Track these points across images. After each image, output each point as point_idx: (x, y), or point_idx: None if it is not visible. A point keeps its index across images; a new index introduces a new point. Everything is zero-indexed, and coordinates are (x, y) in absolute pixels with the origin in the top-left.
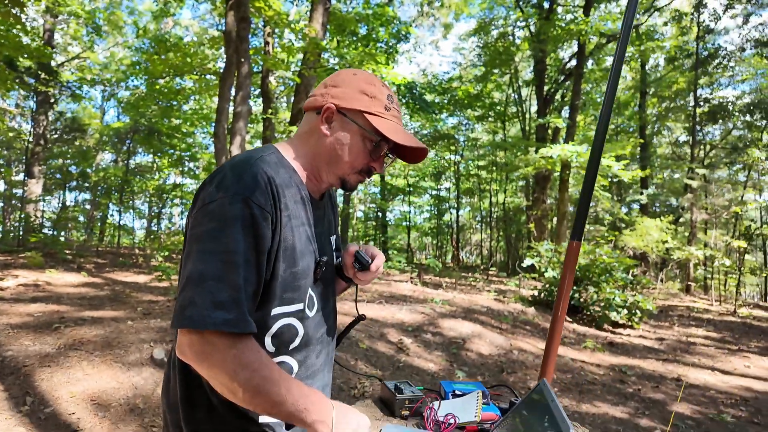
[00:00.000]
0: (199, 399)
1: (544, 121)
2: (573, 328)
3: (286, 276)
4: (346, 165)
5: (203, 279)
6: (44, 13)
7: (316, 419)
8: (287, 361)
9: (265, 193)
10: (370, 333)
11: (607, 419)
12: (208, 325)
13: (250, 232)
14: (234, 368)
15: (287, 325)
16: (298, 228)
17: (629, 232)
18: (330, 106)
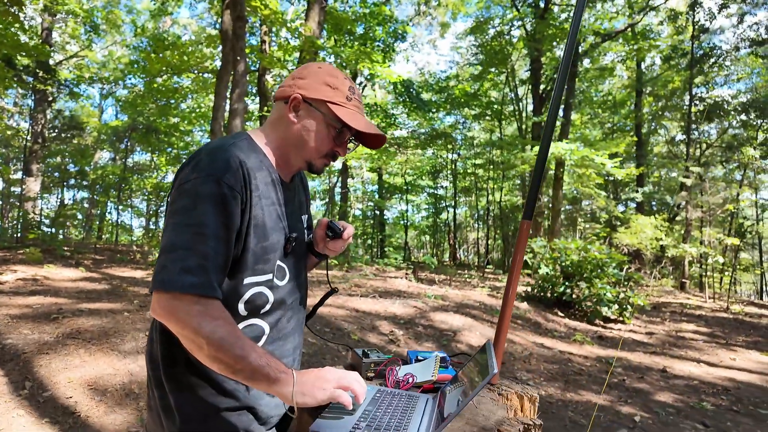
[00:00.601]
0: (178, 356)
1: (539, 120)
2: (564, 322)
3: (257, 249)
4: (312, 150)
5: (175, 248)
6: (42, 12)
7: (279, 376)
8: (259, 323)
9: (236, 175)
10: (362, 325)
11: (590, 406)
12: (177, 287)
13: (220, 209)
14: (199, 322)
15: (258, 292)
16: (269, 207)
17: (624, 229)
18: (297, 96)
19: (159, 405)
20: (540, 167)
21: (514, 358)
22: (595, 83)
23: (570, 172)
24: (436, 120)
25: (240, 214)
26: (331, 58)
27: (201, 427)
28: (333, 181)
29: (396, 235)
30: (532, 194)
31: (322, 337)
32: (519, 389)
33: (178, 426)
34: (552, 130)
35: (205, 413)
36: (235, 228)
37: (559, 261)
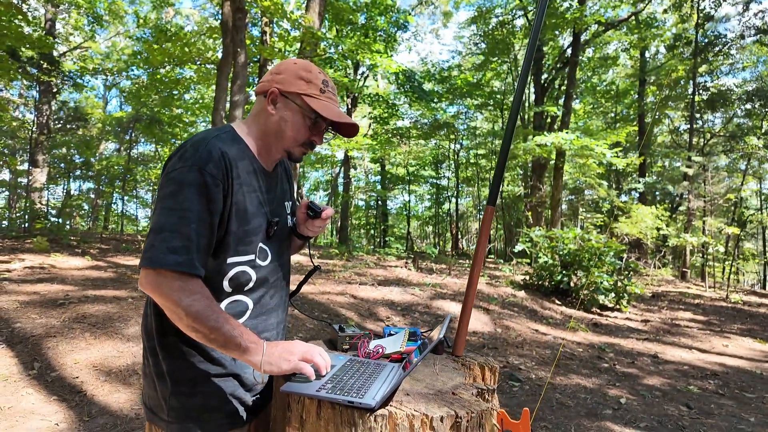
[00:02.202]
0: (169, 327)
1: (539, 109)
2: (561, 310)
3: (239, 232)
4: (290, 139)
5: (162, 230)
6: (46, 3)
7: (249, 345)
8: (243, 299)
9: (218, 165)
10: (359, 311)
11: (578, 389)
12: (162, 264)
13: (203, 195)
14: (179, 296)
15: (241, 271)
16: (250, 194)
17: (624, 219)
18: (274, 90)
19: (153, 371)
20: (503, 156)
21: (507, 343)
22: (599, 72)
23: (571, 161)
24: (439, 110)
25: (222, 201)
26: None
27: (190, 390)
28: (336, 171)
29: (399, 226)
30: (496, 180)
31: (304, 312)
32: (482, 360)
33: (170, 389)
34: (515, 118)
35: (194, 378)
36: (217, 213)
37: (557, 250)
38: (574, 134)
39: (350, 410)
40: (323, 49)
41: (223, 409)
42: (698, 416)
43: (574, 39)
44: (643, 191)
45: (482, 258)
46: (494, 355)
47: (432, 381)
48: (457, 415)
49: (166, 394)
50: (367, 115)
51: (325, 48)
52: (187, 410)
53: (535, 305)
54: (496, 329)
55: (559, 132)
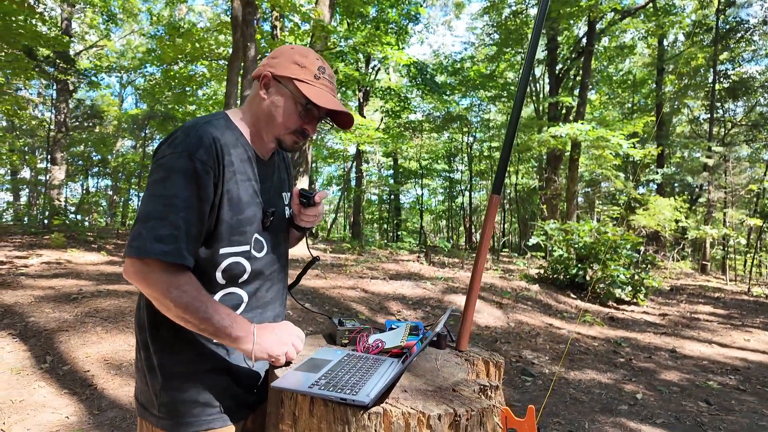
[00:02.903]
0: (162, 320)
1: (554, 100)
2: (576, 304)
3: (233, 222)
4: (280, 125)
5: (149, 218)
6: (62, 3)
7: (240, 334)
8: (237, 291)
9: (209, 151)
10: (370, 305)
11: (593, 384)
12: (149, 254)
13: (192, 182)
14: (167, 287)
15: (235, 262)
16: (244, 182)
17: (642, 211)
18: (267, 74)
19: (145, 365)
20: (508, 143)
21: (520, 338)
22: (615, 62)
23: (586, 153)
24: (452, 103)
25: (213, 188)
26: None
27: (182, 385)
28: (348, 166)
29: (412, 220)
30: (501, 169)
31: (304, 306)
32: (486, 355)
33: (161, 383)
34: (520, 107)
35: (186, 372)
36: (207, 201)
37: (573, 243)
38: (590, 125)
39: (343, 407)
40: (334, 43)
41: (216, 405)
42: (718, 413)
43: (589, 28)
44: (661, 183)
45: (486, 249)
46: (507, 349)
47: (432, 377)
48: (456, 413)
49: (157, 388)
50: (379, 108)
51: (335, 41)
52: (177, 405)
53: (549, 299)
54: (509, 323)
55: (575, 123)
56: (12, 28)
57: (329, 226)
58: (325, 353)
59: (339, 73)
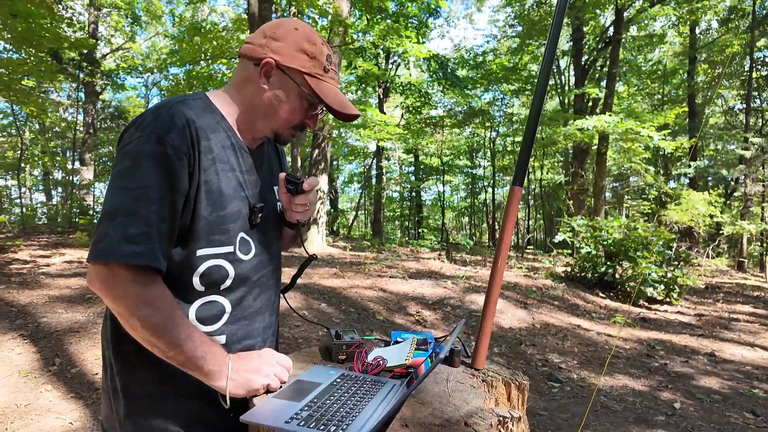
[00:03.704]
0: (125, 333)
1: (579, 92)
2: (605, 304)
3: (212, 219)
4: (282, 120)
5: (116, 214)
6: (88, 7)
7: (213, 368)
8: (219, 300)
9: (181, 134)
10: (388, 306)
11: (625, 391)
12: (117, 256)
13: (164, 170)
14: (135, 302)
15: (216, 266)
16: (226, 173)
17: (674, 206)
18: (270, 62)
19: (109, 387)
20: (531, 132)
21: (547, 340)
22: (644, 51)
23: (614, 146)
24: (473, 97)
25: (188, 178)
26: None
27: (148, 411)
28: (368, 163)
29: (434, 217)
30: (523, 159)
31: (299, 314)
32: (508, 375)
33: (124, 409)
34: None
35: (152, 397)
36: (181, 192)
37: (601, 240)
38: (618, 117)
39: None
40: (351, 37)
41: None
42: (766, 425)
43: (616, 16)
44: (693, 176)
45: (508, 246)
46: (532, 353)
47: (441, 405)
48: None
49: (121, 415)
50: (399, 104)
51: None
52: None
53: (576, 299)
54: (534, 325)
55: (602, 115)
56: (34, 30)
57: (350, 224)
58: (316, 374)
59: (358, 68)
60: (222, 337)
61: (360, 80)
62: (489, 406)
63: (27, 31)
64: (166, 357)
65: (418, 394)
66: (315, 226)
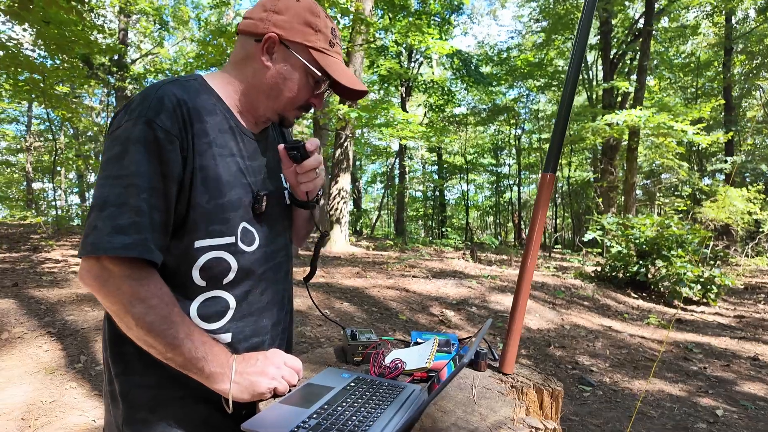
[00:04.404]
0: (124, 333)
1: (608, 85)
2: (637, 304)
3: (210, 207)
4: (287, 100)
5: (106, 205)
6: (118, 14)
7: (215, 370)
8: (222, 296)
9: (172, 116)
10: (411, 305)
11: (662, 396)
12: (108, 249)
13: (154, 155)
14: (129, 299)
15: (216, 258)
16: (224, 158)
17: (709, 203)
18: (272, 36)
19: (108, 391)
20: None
21: (576, 341)
22: (676, 44)
23: (646, 142)
24: (498, 94)
25: (181, 163)
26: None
27: (148, 417)
28: (391, 162)
29: (458, 216)
30: (555, 145)
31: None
32: (539, 381)
33: (123, 415)
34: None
35: (154, 402)
36: (174, 178)
37: (633, 238)
38: (649, 111)
39: None
40: (373, 35)
41: None
42: None
43: (647, 7)
44: (730, 172)
45: (539, 240)
46: (562, 355)
47: (466, 414)
48: None
49: (120, 421)
50: (422, 103)
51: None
52: None
53: (607, 299)
54: (563, 326)
55: (632, 110)
56: (66, 36)
57: (373, 224)
58: (328, 377)
59: (381, 67)
60: (227, 335)
61: (382, 79)
62: (519, 415)
63: (59, 37)
64: (164, 358)
65: (440, 401)
66: (338, 225)
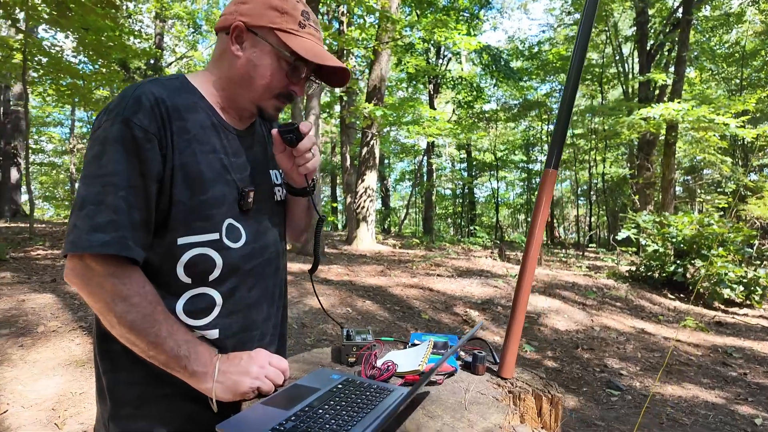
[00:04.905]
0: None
1: (644, 78)
2: (674, 306)
3: (193, 204)
4: (261, 88)
5: (84, 204)
6: (154, 19)
7: (197, 369)
8: (208, 292)
9: (150, 115)
10: (434, 305)
11: (696, 403)
12: (86, 247)
13: (132, 154)
14: (111, 298)
15: (201, 255)
16: (206, 155)
17: (755, 200)
18: (238, 24)
19: (96, 387)
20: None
21: (606, 344)
22: (718, 33)
23: (685, 136)
24: (529, 89)
25: (161, 161)
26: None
27: (133, 413)
28: (419, 160)
29: (488, 214)
30: (557, 140)
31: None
32: (539, 386)
33: (109, 410)
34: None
35: (139, 398)
36: (153, 176)
37: (670, 237)
38: (689, 104)
39: None
40: (400, 33)
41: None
42: None
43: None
44: None
45: (540, 238)
46: (589, 357)
47: (453, 419)
48: None
49: (106, 416)
50: (450, 100)
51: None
52: None
53: (641, 300)
54: (592, 327)
55: (669, 103)
56: (103, 42)
57: (400, 222)
58: (317, 378)
59: (408, 65)
60: (214, 331)
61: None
62: (512, 422)
63: (97, 43)
64: (147, 356)
65: (428, 405)
66: (364, 224)
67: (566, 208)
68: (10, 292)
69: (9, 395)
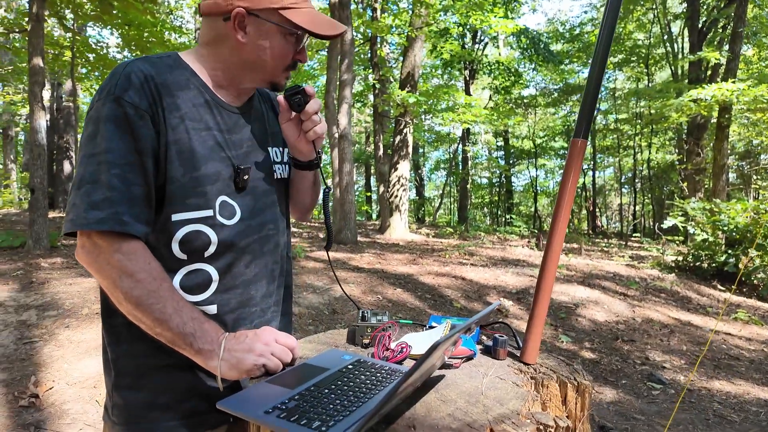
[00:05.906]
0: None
1: (695, 58)
2: (724, 298)
3: (186, 181)
4: (272, 68)
5: (82, 183)
6: (194, 14)
7: (203, 347)
8: (204, 268)
9: (140, 92)
10: (467, 293)
11: (747, 400)
12: (83, 225)
13: (126, 132)
14: (118, 274)
15: (195, 231)
16: (199, 132)
17: None
18: (240, 11)
19: (102, 360)
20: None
21: (648, 336)
22: None
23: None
24: (570, 73)
25: (155, 137)
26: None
27: (135, 383)
28: (454, 148)
29: (526, 203)
30: (586, 108)
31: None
32: (565, 372)
33: (113, 381)
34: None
35: (141, 369)
36: (148, 152)
37: (721, 225)
38: (745, 84)
39: None
40: (434, 17)
41: (177, 408)
42: None
43: None
44: None
45: (568, 210)
46: (630, 349)
47: (468, 404)
48: None
49: (110, 387)
50: (487, 86)
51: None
52: (130, 408)
53: (689, 291)
54: (633, 318)
55: (723, 83)
56: (144, 37)
57: (435, 211)
58: (328, 358)
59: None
60: (212, 306)
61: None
62: (531, 409)
63: (138, 38)
64: (154, 333)
65: (444, 389)
66: (397, 213)
67: (609, 197)
68: (59, 276)
69: (55, 373)
